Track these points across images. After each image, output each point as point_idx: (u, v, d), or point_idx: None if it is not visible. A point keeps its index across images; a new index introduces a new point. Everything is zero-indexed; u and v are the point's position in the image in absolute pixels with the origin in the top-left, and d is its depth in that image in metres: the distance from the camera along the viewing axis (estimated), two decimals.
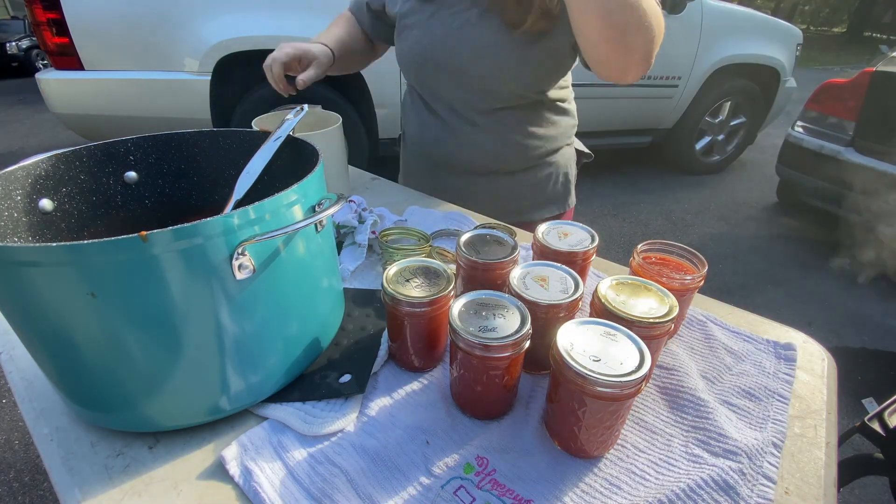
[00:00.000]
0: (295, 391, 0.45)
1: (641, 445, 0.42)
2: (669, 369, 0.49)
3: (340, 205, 0.42)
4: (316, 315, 0.47)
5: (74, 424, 0.43)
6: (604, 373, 0.36)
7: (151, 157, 0.54)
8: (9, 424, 1.56)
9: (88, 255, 0.31)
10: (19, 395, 0.46)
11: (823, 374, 0.52)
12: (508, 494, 0.38)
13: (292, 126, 0.53)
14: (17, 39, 7.94)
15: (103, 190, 0.51)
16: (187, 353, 0.37)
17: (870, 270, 2.40)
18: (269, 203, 0.36)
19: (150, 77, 2.24)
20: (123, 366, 0.36)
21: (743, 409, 0.46)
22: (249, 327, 0.39)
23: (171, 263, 0.33)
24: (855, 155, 2.44)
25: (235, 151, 0.56)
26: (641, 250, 0.53)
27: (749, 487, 0.38)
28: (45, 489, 1.36)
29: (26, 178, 0.44)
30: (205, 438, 0.42)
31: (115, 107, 2.27)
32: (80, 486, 0.38)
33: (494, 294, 0.44)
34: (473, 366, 0.40)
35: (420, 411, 0.45)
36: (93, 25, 2.11)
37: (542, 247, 0.55)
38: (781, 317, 0.57)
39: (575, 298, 0.44)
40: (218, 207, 0.54)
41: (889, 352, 1.98)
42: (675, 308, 0.43)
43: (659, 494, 0.37)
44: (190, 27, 2.19)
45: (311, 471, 0.39)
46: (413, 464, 0.40)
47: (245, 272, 0.36)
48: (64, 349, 0.36)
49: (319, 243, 0.45)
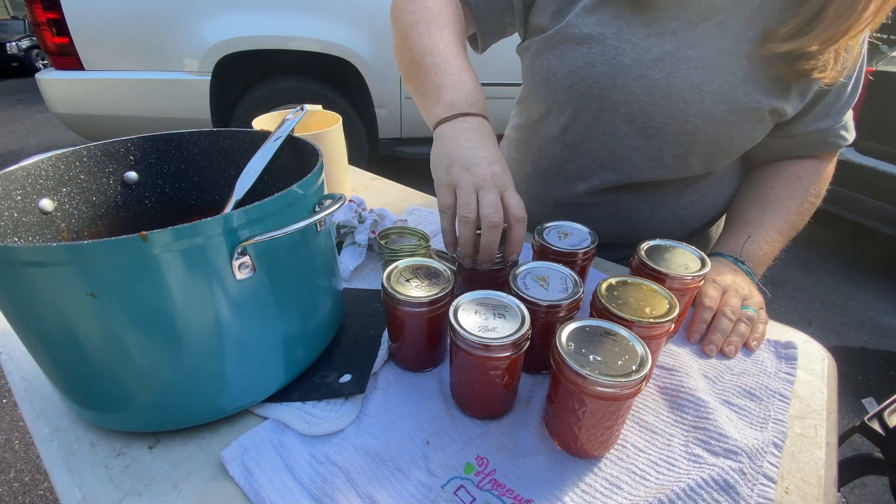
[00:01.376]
0: (295, 391, 0.45)
1: (641, 445, 0.42)
2: (669, 369, 0.49)
3: (340, 205, 0.42)
4: (316, 315, 0.47)
5: (74, 424, 0.43)
6: (604, 373, 0.36)
7: (151, 157, 0.54)
8: (9, 424, 1.56)
9: (88, 255, 0.30)
10: (19, 395, 0.46)
11: (823, 373, 0.51)
12: (508, 494, 0.38)
13: (292, 126, 0.53)
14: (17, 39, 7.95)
15: (103, 190, 0.51)
16: (187, 353, 0.37)
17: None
18: (269, 203, 0.36)
19: (150, 77, 2.24)
20: (123, 366, 0.36)
21: (743, 408, 0.46)
22: (249, 327, 0.39)
23: (171, 263, 0.33)
24: (855, 155, 2.44)
25: (235, 151, 0.56)
26: (642, 250, 0.53)
27: (749, 487, 0.38)
28: (45, 489, 1.36)
29: (26, 178, 0.44)
30: (205, 438, 0.42)
31: (115, 107, 2.28)
32: (80, 486, 0.38)
33: (494, 294, 0.44)
34: (473, 366, 0.40)
35: (420, 411, 0.45)
36: (93, 25, 2.11)
37: (542, 247, 0.55)
38: (781, 317, 0.57)
39: (575, 298, 0.44)
40: (218, 207, 0.54)
41: (889, 352, 1.98)
42: (676, 308, 0.43)
43: (659, 494, 0.37)
44: (190, 27, 2.19)
45: (311, 470, 0.39)
46: (413, 463, 0.40)
47: (245, 272, 0.36)
48: (64, 349, 0.36)
49: (319, 243, 0.45)
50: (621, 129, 0.64)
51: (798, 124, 0.65)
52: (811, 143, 0.67)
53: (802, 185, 0.68)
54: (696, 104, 0.59)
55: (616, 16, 0.59)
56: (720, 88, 0.58)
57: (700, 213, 0.73)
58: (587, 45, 0.60)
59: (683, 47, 0.58)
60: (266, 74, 2.42)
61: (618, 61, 0.59)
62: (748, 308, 0.56)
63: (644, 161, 0.65)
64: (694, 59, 0.58)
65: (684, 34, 0.58)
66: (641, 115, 0.62)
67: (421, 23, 0.59)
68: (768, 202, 0.68)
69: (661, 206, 0.70)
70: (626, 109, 0.62)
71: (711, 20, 0.57)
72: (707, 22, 0.57)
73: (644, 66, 0.59)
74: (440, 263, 0.49)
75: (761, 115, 0.60)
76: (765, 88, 0.58)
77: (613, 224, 0.70)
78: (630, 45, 0.59)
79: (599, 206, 0.72)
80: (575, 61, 0.61)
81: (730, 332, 0.54)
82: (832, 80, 0.57)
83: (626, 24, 0.59)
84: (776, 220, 0.66)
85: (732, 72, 0.57)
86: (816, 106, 0.63)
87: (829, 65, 0.55)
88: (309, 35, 2.34)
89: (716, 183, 0.71)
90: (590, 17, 0.60)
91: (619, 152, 0.66)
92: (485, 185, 0.47)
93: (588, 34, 0.60)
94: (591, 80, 0.61)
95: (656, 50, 0.58)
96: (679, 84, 0.58)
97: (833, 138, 0.67)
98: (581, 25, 0.60)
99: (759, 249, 0.64)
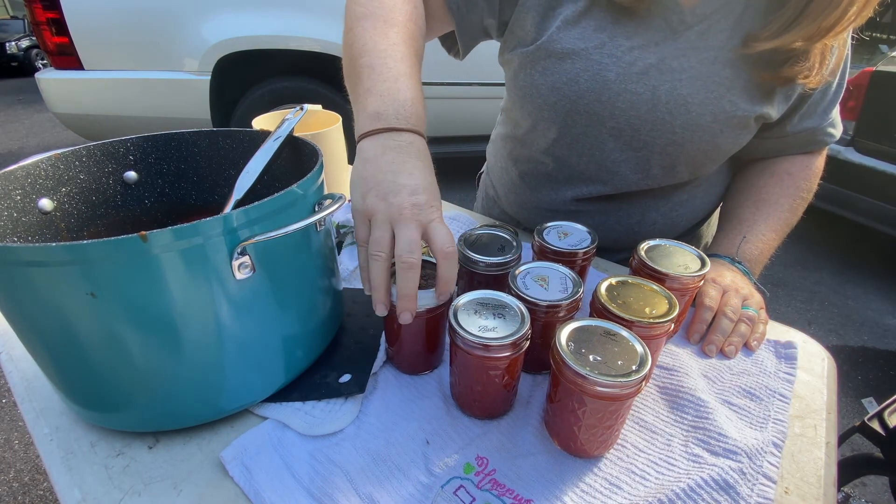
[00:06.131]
0: (295, 391, 0.45)
1: (641, 445, 0.42)
2: (669, 369, 0.49)
3: (340, 205, 0.42)
4: (316, 315, 0.47)
5: (74, 424, 0.43)
6: (603, 373, 0.36)
7: (151, 157, 0.54)
8: (9, 424, 1.56)
9: (88, 255, 0.30)
10: (19, 395, 0.46)
11: (823, 373, 0.52)
12: (508, 494, 0.38)
13: (292, 126, 0.53)
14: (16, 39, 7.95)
15: (103, 190, 0.51)
16: (187, 353, 0.37)
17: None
18: (269, 203, 0.36)
19: (150, 77, 2.24)
20: (123, 366, 0.36)
21: (743, 408, 0.46)
22: (249, 327, 0.39)
23: (170, 263, 0.33)
24: (855, 155, 2.44)
25: (235, 151, 0.56)
26: (642, 250, 0.53)
27: (749, 487, 0.38)
28: (45, 489, 1.36)
29: (26, 177, 0.44)
30: (205, 438, 0.42)
31: (114, 107, 2.27)
32: (80, 486, 0.38)
33: (494, 294, 0.44)
34: (473, 366, 0.40)
35: (420, 411, 0.45)
36: (92, 25, 2.11)
37: (542, 246, 0.55)
38: (781, 317, 0.57)
39: (575, 298, 0.44)
40: (218, 207, 0.54)
41: (889, 351, 1.98)
42: (676, 308, 0.43)
43: (659, 494, 0.37)
44: (189, 27, 2.19)
45: (311, 470, 0.39)
46: (413, 463, 0.40)
47: (245, 272, 0.36)
48: (64, 349, 0.36)
49: (319, 243, 0.45)
50: (608, 143, 0.64)
51: (785, 125, 0.65)
52: (799, 142, 0.68)
53: (793, 181, 0.69)
54: (682, 116, 0.59)
55: (598, 28, 0.58)
56: (705, 99, 0.58)
57: (690, 214, 0.73)
58: (570, 61, 0.59)
59: (667, 59, 0.57)
60: (266, 74, 2.42)
61: (602, 76, 0.58)
62: (748, 308, 0.56)
63: (632, 173, 0.66)
64: (678, 71, 0.57)
65: (667, 45, 0.57)
66: (628, 129, 0.61)
67: (368, 18, 0.52)
68: (761, 200, 0.68)
69: (650, 209, 0.71)
70: (612, 124, 0.61)
71: (694, 29, 0.56)
72: (690, 31, 0.57)
73: (628, 80, 0.58)
74: None
75: (746, 122, 0.60)
76: (750, 95, 0.58)
77: (603, 229, 0.70)
78: (613, 60, 0.58)
79: (588, 213, 0.72)
80: (559, 77, 0.60)
81: (730, 333, 0.54)
82: (816, 84, 0.57)
83: (608, 37, 0.58)
84: (770, 218, 0.66)
85: (717, 81, 0.57)
86: (802, 106, 0.63)
87: (814, 69, 0.55)
88: (309, 35, 2.34)
89: (703, 184, 0.71)
90: (571, 31, 0.58)
91: (606, 165, 0.66)
92: (402, 219, 0.40)
93: (570, 49, 0.58)
94: (576, 96, 0.60)
95: (640, 63, 0.58)
96: (664, 97, 0.58)
97: (821, 136, 0.67)
98: (563, 41, 0.59)
99: (754, 249, 0.64)
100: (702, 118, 0.59)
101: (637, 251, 0.53)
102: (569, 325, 0.40)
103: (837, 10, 0.49)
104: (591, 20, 0.58)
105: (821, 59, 0.55)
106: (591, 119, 0.62)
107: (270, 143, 0.52)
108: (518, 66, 0.64)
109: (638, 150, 0.63)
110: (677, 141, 0.61)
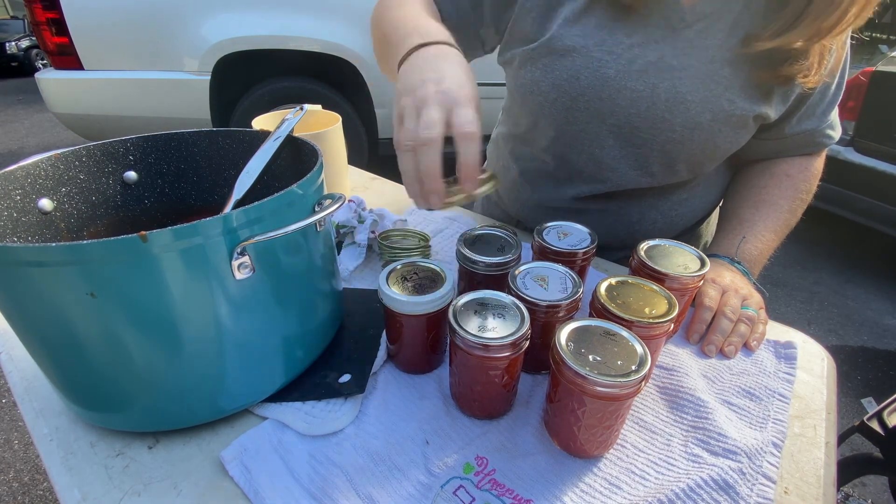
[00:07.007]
0: (295, 391, 0.45)
1: (641, 445, 0.42)
2: (669, 369, 0.50)
3: (340, 205, 0.42)
4: (316, 315, 0.47)
5: (74, 424, 0.43)
6: (603, 373, 0.36)
7: (151, 157, 0.54)
8: (9, 424, 1.56)
9: (88, 255, 0.30)
10: (19, 394, 0.46)
11: (823, 373, 0.52)
12: (508, 494, 0.38)
13: (292, 126, 0.53)
14: (16, 39, 7.95)
15: (103, 190, 0.51)
16: (187, 353, 0.37)
17: None
18: (268, 203, 0.36)
19: (150, 77, 2.24)
20: (123, 366, 0.36)
21: (743, 408, 0.46)
22: (249, 327, 0.39)
23: (170, 263, 0.33)
24: (855, 155, 2.44)
25: (235, 151, 0.56)
26: (641, 250, 0.53)
27: (749, 487, 0.38)
28: (45, 489, 1.36)
29: (25, 177, 0.44)
30: (204, 438, 0.42)
31: (114, 107, 2.28)
32: (80, 486, 0.38)
33: (494, 294, 0.44)
34: (473, 366, 0.40)
35: (420, 411, 0.45)
36: (92, 25, 2.11)
37: (541, 246, 0.55)
38: (781, 317, 0.57)
39: (575, 298, 0.44)
40: (218, 207, 0.54)
41: (889, 351, 1.98)
42: (675, 308, 0.43)
43: (659, 494, 0.37)
44: (189, 27, 2.19)
45: (310, 470, 0.39)
46: (413, 463, 0.40)
47: (245, 272, 0.36)
48: (63, 349, 0.36)
49: (319, 243, 0.45)
50: (608, 141, 0.64)
51: (784, 127, 0.65)
52: (798, 144, 0.68)
53: (793, 182, 0.69)
54: (682, 113, 0.59)
55: (599, 25, 0.58)
56: (705, 97, 0.58)
57: (689, 212, 0.73)
58: (570, 58, 0.59)
59: (667, 57, 0.57)
60: (266, 74, 2.42)
61: (602, 73, 0.58)
62: (748, 308, 0.56)
63: (631, 170, 0.66)
64: (678, 69, 0.57)
65: (667, 43, 0.57)
66: (627, 127, 0.62)
67: (395, 8, 0.59)
68: (761, 201, 0.68)
69: (650, 208, 0.71)
70: (612, 121, 0.62)
71: (694, 27, 0.57)
72: (689, 29, 0.57)
73: (628, 77, 0.58)
74: (439, 264, 0.49)
75: (745, 121, 0.60)
76: (748, 95, 0.58)
77: (603, 227, 0.70)
78: (613, 57, 0.58)
79: (588, 211, 0.72)
80: (559, 74, 0.60)
81: (730, 333, 0.54)
82: (815, 84, 0.57)
83: (608, 34, 0.58)
84: (769, 219, 0.66)
85: (716, 80, 0.57)
86: (801, 107, 0.63)
87: (813, 68, 0.55)
88: (309, 35, 2.34)
89: (703, 183, 0.72)
90: (572, 28, 0.59)
91: (606, 162, 0.66)
92: (425, 104, 0.40)
93: (571, 46, 0.59)
94: (577, 92, 0.60)
95: (640, 60, 0.58)
96: (664, 94, 0.58)
97: (819, 138, 0.67)
98: (564, 38, 0.59)
99: (754, 249, 0.65)
100: (701, 116, 0.59)
101: (636, 251, 0.53)
102: (568, 325, 0.40)
103: (838, 11, 0.49)
104: (592, 17, 0.59)
105: (819, 59, 0.55)
106: (592, 116, 0.62)
107: (270, 143, 0.52)
108: (519, 63, 0.65)
109: (637, 148, 0.64)
110: (676, 139, 0.61)
